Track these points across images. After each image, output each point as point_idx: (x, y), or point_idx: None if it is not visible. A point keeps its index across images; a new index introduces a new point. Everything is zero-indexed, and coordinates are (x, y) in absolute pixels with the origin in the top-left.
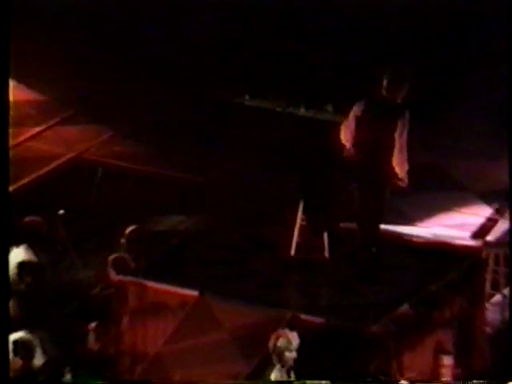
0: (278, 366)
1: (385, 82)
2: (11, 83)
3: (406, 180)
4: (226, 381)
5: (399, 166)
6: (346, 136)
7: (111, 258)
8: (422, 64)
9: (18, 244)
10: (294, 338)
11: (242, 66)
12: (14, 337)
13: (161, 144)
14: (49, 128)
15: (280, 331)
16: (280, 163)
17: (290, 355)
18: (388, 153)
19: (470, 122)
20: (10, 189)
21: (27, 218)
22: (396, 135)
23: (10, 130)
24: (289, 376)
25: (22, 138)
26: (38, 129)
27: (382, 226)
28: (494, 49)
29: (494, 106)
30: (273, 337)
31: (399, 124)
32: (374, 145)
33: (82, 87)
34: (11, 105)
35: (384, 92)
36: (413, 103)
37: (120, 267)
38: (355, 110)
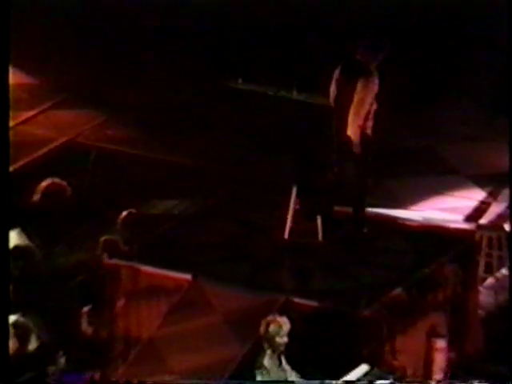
0: (268, 352)
1: (361, 47)
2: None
3: (359, 145)
4: (219, 364)
5: (352, 129)
6: (359, 122)
7: (102, 239)
8: (415, 48)
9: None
10: (285, 324)
11: (235, 50)
12: (10, 320)
13: (154, 128)
14: (41, 112)
15: (270, 317)
16: (273, 147)
17: (281, 340)
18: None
19: (463, 105)
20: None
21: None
22: (354, 95)
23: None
24: (280, 361)
25: (14, 123)
26: (30, 113)
27: (376, 210)
28: (488, 33)
29: (487, 89)
30: (263, 323)
31: (359, 84)
32: (342, 107)
33: (74, 71)
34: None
35: (359, 56)
36: (406, 87)
37: (111, 249)
38: (335, 73)
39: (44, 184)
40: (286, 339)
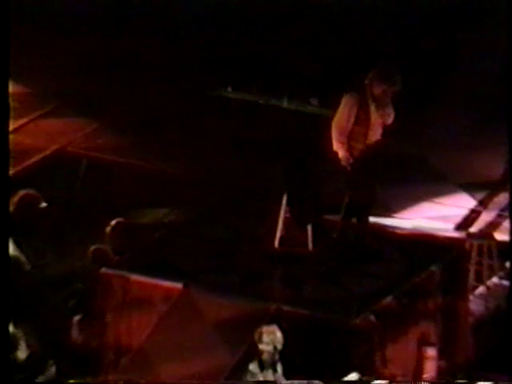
0: (259, 360)
1: (375, 79)
2: None
3: (345, 162)
4: (210, 373)
5: (335, 145)
6: (340, 138)
7: (91, 249)
8: (407, 56)
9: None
10: (278, 334)
11: (225, 58)
12: None
13: (144, 137)
14: (32, 121)
15: (264, 327)
16: (264, 155)
17: (271, 350)
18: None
19: (454, 114)
20: None
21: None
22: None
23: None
24: (262, 369)
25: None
26: (20, 122)
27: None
28: (480, 42)
29: (478, 98)
30: (257, 333)
31: (342, 100)
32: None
33: (64, 80)
34: None
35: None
36: (397, 95)
37: (100, 258)
38: (349, 104)
39: (18, 196)
40: (279, 349)
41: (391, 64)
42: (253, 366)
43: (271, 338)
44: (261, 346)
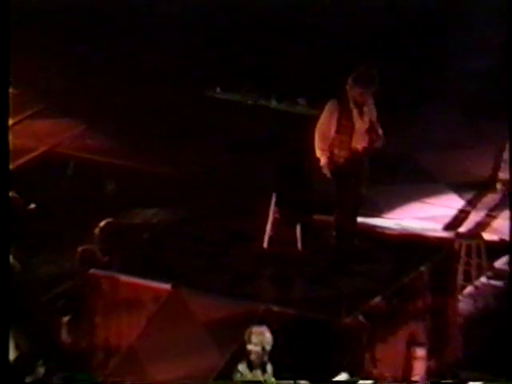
0: (247, 361)
1: (351, 81)
2: None
3: (326, 169)
4: (199, 372)
5: (317, 151)
6: (321, 146)
7: (79, 249)
8: (396, 57)
9: None
10: (267, 335)
11: (213, 59)
12: None
13: (133, 137)
14: (20, 122)
15: (254, 328)
16: (252, 156)
17: (260, 351)
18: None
19: (443, 113)
20: None
21: None
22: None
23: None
24: (251, 369)
25: None
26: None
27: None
28: (470, 42)
29: (467, 98)
30: (247, 333)
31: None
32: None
33: (52, 81)
34: None
35: (348, 87)
36: (386, 95)
37: (88, 259)
38: (330, 111)
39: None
40: (260, 349)
41: (367, 66)
42: (242, 367)
43: (260, 338)
44: (249, 347)
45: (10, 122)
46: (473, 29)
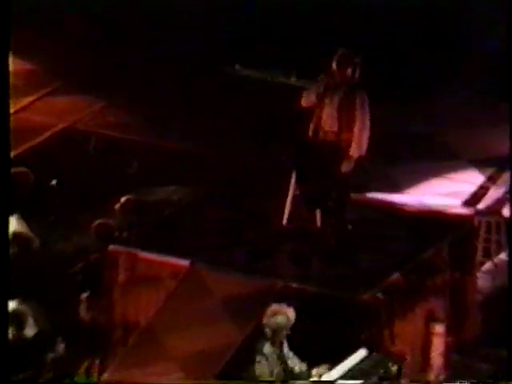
0: (270, 340)
1: (334, 65)
2: None
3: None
4: (218, 349)
5: (357, 145)
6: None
7: (95, 224)
8: (419, 38)
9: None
10: (292, 316)
11: (233, 36)
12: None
13: (153, 114)
14: (39, 99)
15: (277, 307)
16: (272, 133)
17: (285, 332)
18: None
19: (462, 91)
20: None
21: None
22: (356, 113)
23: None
24: (281, 350)
25: (12, 110)
26: (28, 99)
27: (374, 195)
28: (487, 21)
29: (487, 76)
30: (270, 312)
31: (358, 101)
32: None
33: (72, 57)
34: None
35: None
36: (406, 75)
37: (103, 233)
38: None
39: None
40: (288, 332)
41: (348, 48)
42: (266, 348)
43: (280, 317)
44: (269, 325)
45: (30, 99)
46: (490, 8)
